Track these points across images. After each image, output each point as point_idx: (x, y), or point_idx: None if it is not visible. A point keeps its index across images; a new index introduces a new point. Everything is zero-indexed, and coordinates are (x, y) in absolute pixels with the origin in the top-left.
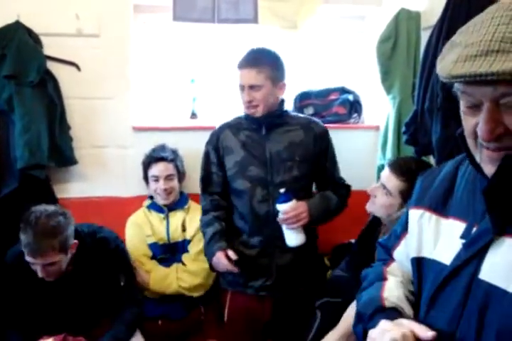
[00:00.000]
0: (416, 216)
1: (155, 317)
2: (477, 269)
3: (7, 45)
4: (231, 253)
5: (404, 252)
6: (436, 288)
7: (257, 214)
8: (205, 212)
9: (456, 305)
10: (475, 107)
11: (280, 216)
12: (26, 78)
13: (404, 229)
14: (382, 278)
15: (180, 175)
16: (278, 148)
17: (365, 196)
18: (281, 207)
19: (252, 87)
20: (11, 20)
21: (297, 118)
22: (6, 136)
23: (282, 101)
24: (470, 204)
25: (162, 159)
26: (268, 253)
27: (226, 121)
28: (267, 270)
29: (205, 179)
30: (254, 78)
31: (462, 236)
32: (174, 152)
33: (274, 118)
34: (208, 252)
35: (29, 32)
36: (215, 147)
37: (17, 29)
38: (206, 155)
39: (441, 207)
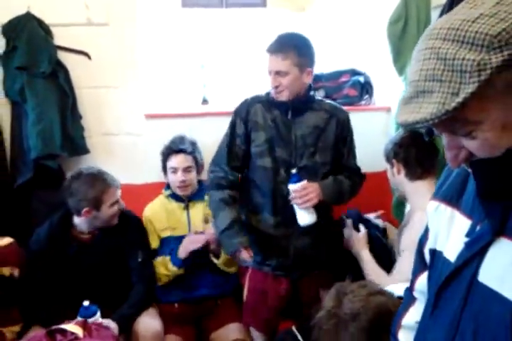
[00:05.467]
0: (432, 208)
1: (172, 301)
2: (476, 271)
3: (18, 37)
4: (250, 252)
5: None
6: (439, 287)
7: (279, 194)
8: (220, 186)
9: (456, 307)
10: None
11: (291, 195)
12: (38, 69)
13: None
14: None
15: (199, 167)
16: (303, 133)
17: (376, 178)
18: (292, 187)
19: (278, 73)
20: (21, 11)
21: (323, 103)
22: (19, 126)
23: (310, 86)
24: (475, 201)
25: (181, 151)
26: (287, 234)
27: (257, 95)
28: (284, 250)
29: (229, 150)
30: (280, 64)
31: (467, 235)
32: (193, 144)
33: (300, 104)
34: (227, 243)
35: (39, 23)
36: (244, 120)
37: (27, 20)
38: (232, 127)
39: (455, 199)
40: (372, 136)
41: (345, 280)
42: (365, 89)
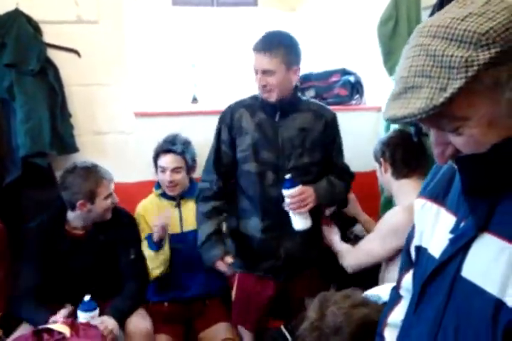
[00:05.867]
0: (418, 206)
1: (162, 300)
2: (460, 266)
3: (7, 34)
4: (228, 259)
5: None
6: (424, 282)
7: (267, 198)
8: (204, 198)
9: (440, 302)
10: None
11: (286, 200)
12: (27, 66)
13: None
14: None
15: (189, 167)
16: (290, 134)
17: (366, 177)
18: (288, 192)
19: (265, 72)
20: (10, 8)
21: (308, 104)
22: (8, 124)
23: (296, 87)
24: (461, 198)
25: (170, 151)
26: (276, 236)
27: (241, 99)
28: (275, 252)
29: (215, 157)
30: (267, 63)
31: (452, 231)
32: (186, 143)
33: (287, 105)
34: (205, 257)
35: (28, 20)
36: (229, 126)
37: (16, 17)
38: (218, 133)
39: (441, 197)
40: (362, 135)
41: (329, 289)
42: (356, 88)
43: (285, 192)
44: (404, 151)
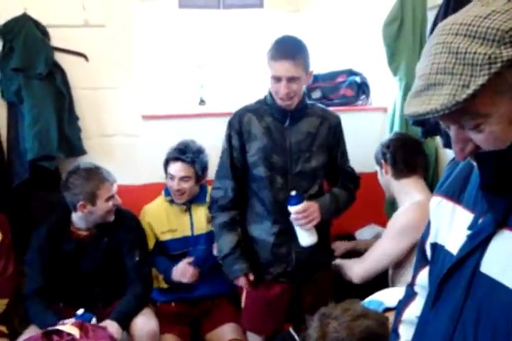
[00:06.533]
0: (434, 203)
1: (169, 301)
2: (479, 262)
3: (15, 38)
4: (251, 276)
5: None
6: (441, 279)
7: (277, 202)
8: (221, 208)
9: (458, 298)
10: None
11: (293, 216)
12: (34, 70)
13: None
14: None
15: (199, 177)
16: (297, 138)
17: (372, 178)
18: (293, 209)
19: (290, 79)
20: (17, 12)
21: (313, 108)
22: (16, 128)
23: (304, 92)
24: (479, 195)
25: (180, 159)
26: (287, 240)
27: (246, 105)
28: (286, 257)
29: (230, 163)
30: (294, 70)
31: (469, 228)
32: (197, 152)
33: (298, 111)
34: (228, 270)
35: (36, 24)
36: (238, 131)
37: (24, 21)
38: (228, 139)
39: (457, 194)
40: (368, 136)
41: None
42: (362, 89)
43: (290, 208)
44: (405, 152)
